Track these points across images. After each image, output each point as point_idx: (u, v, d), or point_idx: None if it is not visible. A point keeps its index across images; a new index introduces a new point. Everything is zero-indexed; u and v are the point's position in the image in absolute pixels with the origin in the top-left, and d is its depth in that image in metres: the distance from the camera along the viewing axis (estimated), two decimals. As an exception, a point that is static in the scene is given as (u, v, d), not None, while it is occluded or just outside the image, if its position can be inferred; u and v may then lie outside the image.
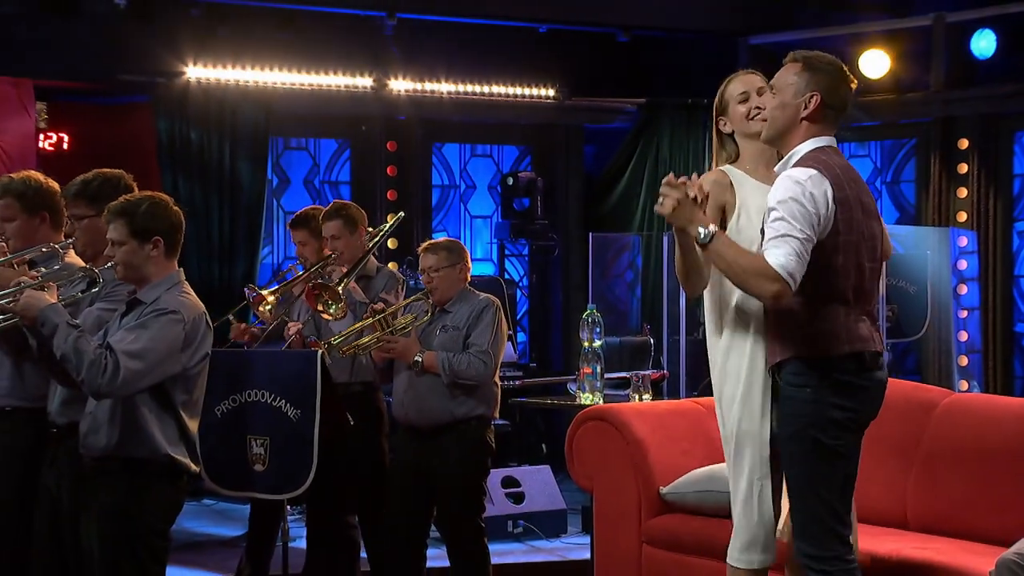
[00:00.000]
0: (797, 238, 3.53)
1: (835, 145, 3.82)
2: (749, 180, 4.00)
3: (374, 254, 6.09)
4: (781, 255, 3.52)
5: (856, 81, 3.88)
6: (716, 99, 4.18)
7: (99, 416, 4.16)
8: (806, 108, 3.75)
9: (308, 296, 5.72)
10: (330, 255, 6.10)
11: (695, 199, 3.64)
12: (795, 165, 3.71)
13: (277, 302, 6.07)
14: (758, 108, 4.02)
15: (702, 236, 3.61)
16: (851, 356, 3.65)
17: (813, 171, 3.62)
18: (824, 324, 3.65)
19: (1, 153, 8.29)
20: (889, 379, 3.88)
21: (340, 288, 5.65)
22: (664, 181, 3.68)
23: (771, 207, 3.61)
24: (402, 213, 6.45)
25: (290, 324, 5.94)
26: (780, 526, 3.88)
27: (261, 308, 5.99)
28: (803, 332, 3.66)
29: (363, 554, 6.07)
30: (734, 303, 3.96)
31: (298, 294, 6.11)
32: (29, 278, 4.27)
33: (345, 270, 5.92)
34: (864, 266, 3.70)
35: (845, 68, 3.82)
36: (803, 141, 3.76)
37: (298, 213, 6.32)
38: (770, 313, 3.77)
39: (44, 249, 4.61)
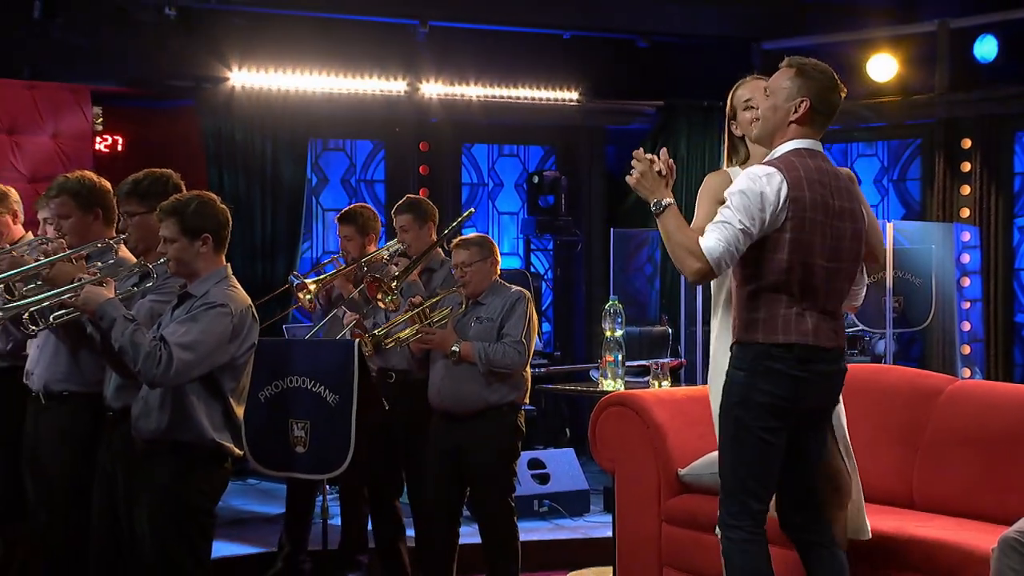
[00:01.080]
0: (734, 227, 3.57)
1: (817, 148, 3.80)
2: None
3: (441, 249, 6.06)
4: (712, 239, 3.57)
5: (846, 90, 3.86)
6: (728, 104, 4.18)
7: (150, 402, 4.20)
8: (795, 112, 3.76)
9: (368, 286, 5.72)
10: (372, 252, 6.12)
11: (659, 172, 3.67)
12: (764, 161, 3.72)
13: (318, 292, 6.08)
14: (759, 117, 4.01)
15: (658, 205, 3.66)
16: (785, 347, 3.65)
17: (772, 169, 3.65)
18: (761, 314, 3.67)
19: (60, 154, 8.34)
20: (896, 367, 3.86)
21: (394, 284, 5.64)
22: (633, 154, 3.73)
23: (727, 192, 3.66)
24: (472, 210, 6.45)
25: (348, 314, 5.95)
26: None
27: (302, 295, 6.00)
28: (744, 319, 3.71)
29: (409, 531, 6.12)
30: (722, 296, 3.99)
31: (340, 289, 6.13)
32: (88, 274, 4.30)
33: (406, 265, 5.93)
34: (816, 264, 3.67)
35: (836, 77, 3.81)
36: (785, 141, 3.77)
37: (347, 209, 6.33)
38: (732, 300, 3.81)
39: (100, 244, 4.64)
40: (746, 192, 3.59)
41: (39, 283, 4.33)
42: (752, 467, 3.69)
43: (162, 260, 4.26)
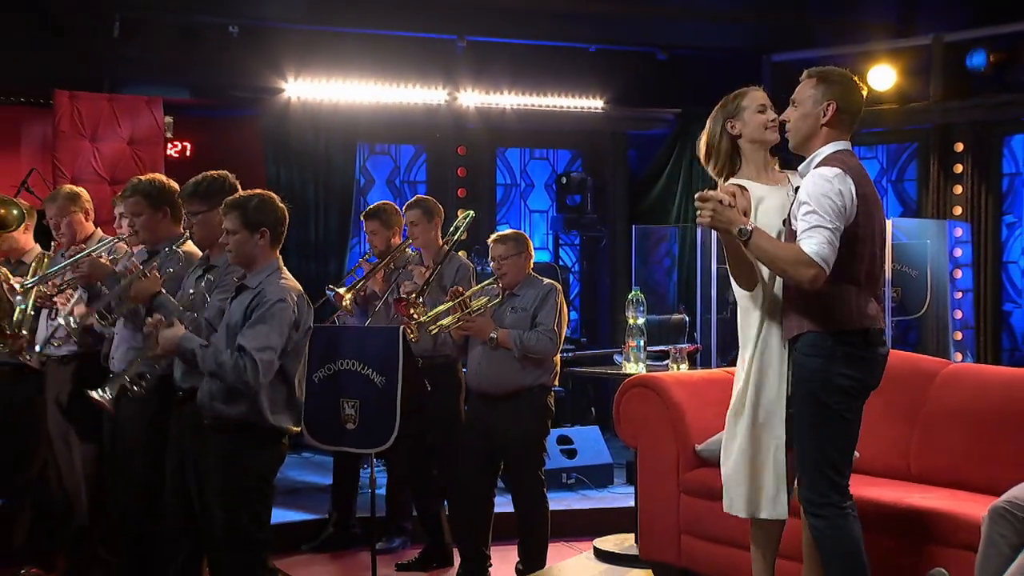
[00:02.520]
0: (828, 228, 3.51)
1: (851, 148, 3.79)
2: (756, 185, 3.95)
3: (445, 245, 6.06)
4: (815, 244, 3.50)
5: (866, 89, 3.84)
6: (727, 107, 4.07)
7: (215, 386, 4.21)
8: (825, 115, 3.74)
9: (397, 308, 5.70)
10: (398, 245, 6.11)
11: (728, 205, 3.60)
12: (818, 165, 3.66)
13: (355, 296, 6.07)
14: (775, 121, 3.96)
15: (742, 234, 3.56)
16: (859, 332, 3.63)
17: (838, 170, 3.60)
18: (839, 303, 3.62)
19: (135, 159, 8.38)
20: (894, 351, 3.84)
21: (421, 300, 5.64)
22: (696, 197, 3.61)
23: (803, 201, 3.59)
24: (471, 212, 6.39)
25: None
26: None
27: (344, 304, 6.01)
28: (819, 309, 3.63)
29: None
30: (760, 292, 3.91)
31: (373, 286, 6.12)
32: (153, 276, 4.36)
33: (423, 270, 5.91)
34: (876, 254, 3.69)
35: (855, 78, 3.80)
36: (824, 144, 3.74)
37: (370, 207, 6.33)
38: (790, 293, 3.72)
39: (166, 249, 4.67)
40: (826, 194, 3.54)
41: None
42: (837, 444, 3.64)
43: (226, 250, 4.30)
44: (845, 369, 3.60)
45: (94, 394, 4.52)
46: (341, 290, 6.07)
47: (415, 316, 5.58)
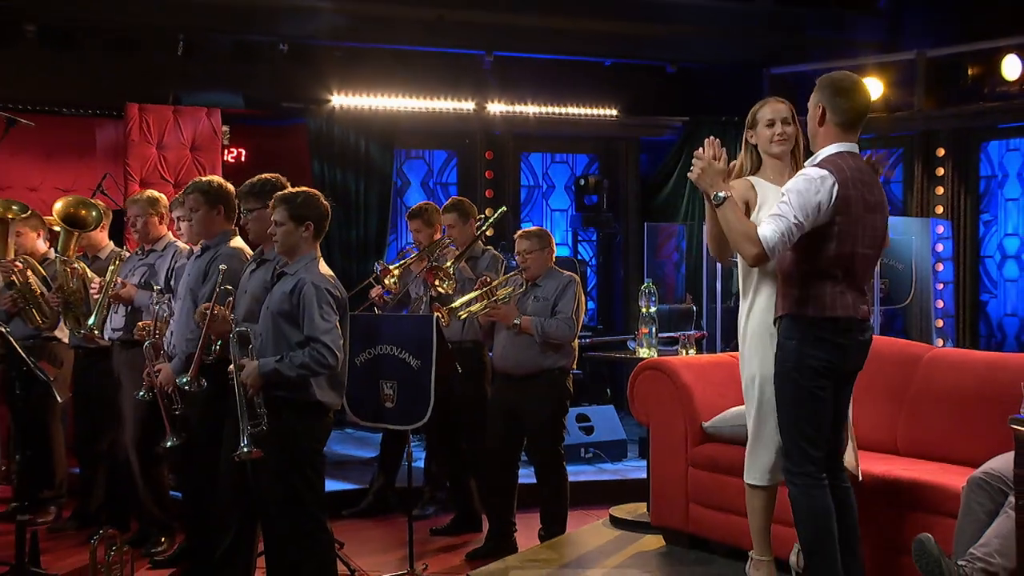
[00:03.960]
0: (789, 221, 3.48)
1: (854, 149, 3.68)
2: (768, 184, 3.92)
3: (481, 240, 6.09)
4: (769, 230, 3.48)
5: (864, 91, 3.72)
6: (749, 116, 4.08)
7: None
8: (816, 118, 3.69)
9: (427, 275, 5.74)
10: (439, 240, 6.13)
11: (718, 168, 3.60)
12: (810, 164, 3.65)
13: (399, 275, 6.10)
14: (780, 135, 3.94)
15: (717, 197, 3.58)
16: (830, 319, 3.58)
17: (825, 172, 3.55)
18: (812, 292, 3.59)
19: (196, 164, 8.43)
20: (883, 337, 3.80)
21: (451, 269, 5.67)
22: (695, 153, 3.65)
23: (782, 191, 3.57)
24: (504, 208, 6.41)
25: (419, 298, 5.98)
26: None
27: (387, 280, 6.02)
28: (796, 296, 3.62)
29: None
30: (752, 281, 3.90)
31: (416, 271, 6.14)
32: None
33: (457, 254, 5.94)
34: (858, 252, 3.61)
35: (844, 84, 3.67)
36: (825, 145, 3.68)
37: (413, 207, 6.32)
38: (780, 278, 3.71)
39: (222, 267, 4.67)
40: (802, 192, 3.50)
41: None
42: (809, 420, 3.61)
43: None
44: (817, 351, 3.57)
45: (177, 381, 4.59)
46: (391, 267, 6.04)
47: (439, 286, 5.59)
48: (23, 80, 8.08)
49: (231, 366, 4.24)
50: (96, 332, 5.53)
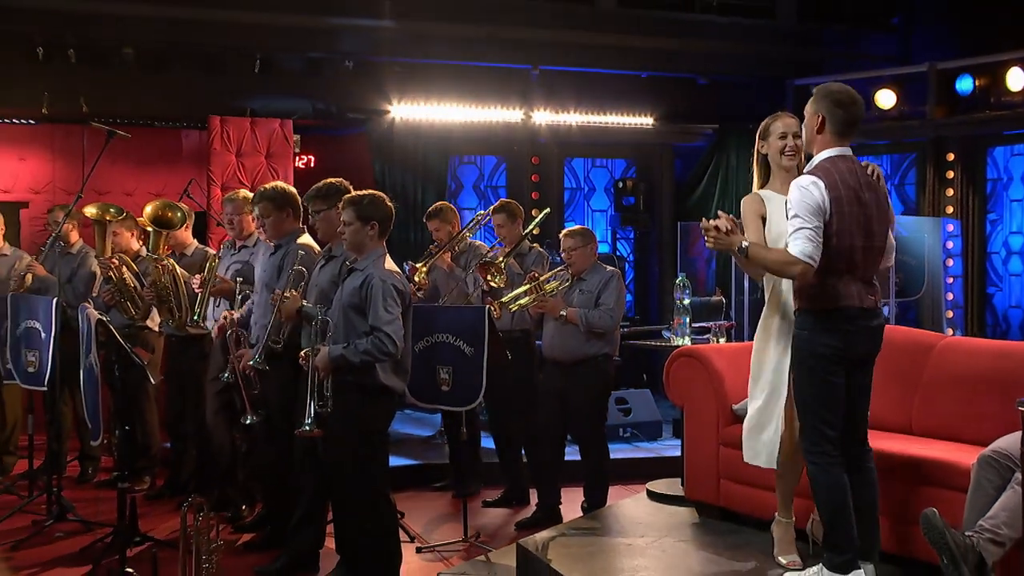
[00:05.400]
0: (808, 227, 3.49)
1: (846, 152, 3.66)
2: (777, 196, 3.90)
3: (528, 239, 6.11)
4: (799, 244, 3.49)
5: (859, 102, 3.70)
6: (761, 127, 4.07)
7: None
8: (814, 126, 3.68)
9: (479, 269, 5.78)
10: (457, 234, 6.11)
11: (726, 231, 3.62)
12: (806, 171, 3.66)
13: (428, 271, 6.06)
14: (791, 148, 3.94)
15: (739, 251, 3.61)
16: (837, 310, 3.58)
17: (813, 178, 3.56)
18: (820, 287, 3.59)
19: (271, 170, 8.48)
20: (899, 327, 3.77)
21: (502, 265, 5.72)
22: (701, 226, 3.67)
23: (789, 208, 3.58)
24: (548, 209, 6.43)
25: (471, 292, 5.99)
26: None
27: (417, 277, 6.00)
28: (807, 292, 3.63)
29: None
30: (773, 282, 3.93)
31: (440, 265, 6.10)
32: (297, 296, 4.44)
33: (505, 248, 5.97)
34: (855, 246, 3.59)
35: (842, 96, 3.66)
36: (820, 151, 3.68)
37: (429, 209, 6.29)
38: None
39: (298, 269, 4.74)
40: (804, 200, 3.52)
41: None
42: (824, 403, 3.61)
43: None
44: (826, 339, 3.58)
45: (250, 363, 4.68)
46: (419, 264, 6.06)
47: (491, 281, 5.61)
48: (121, 97, 8.19)
49: (303, 351, 4.32)
50: (202, 323, 5.64)
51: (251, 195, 5.71)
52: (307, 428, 4.20)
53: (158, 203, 5.99)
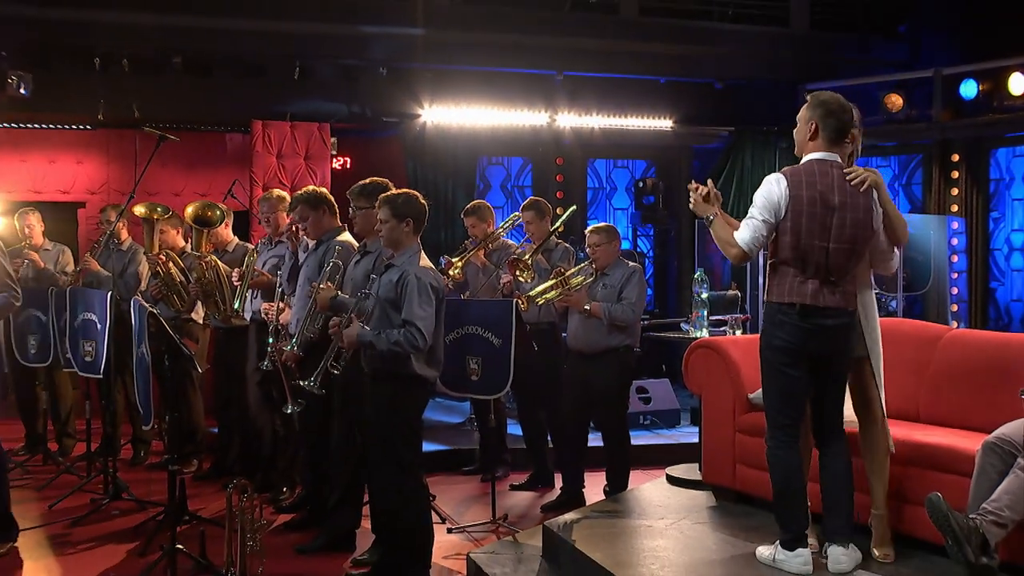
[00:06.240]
0: (757, 220, 3.55)
1: (831, 158, 3.62)
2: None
3: (555, 236, 6.11)
4: (744, 232, 3.57)
5: (853, 112, 3.67)
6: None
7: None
8: (807, 132, 3.66)
9: (509, 265, 5.79)
10: (492, 232, 6.13)
11: (706, 196, 3.70)
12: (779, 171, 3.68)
13: (462, 265, 6.09)
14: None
15: (707, 220, 3.69)
16: (790, 305, 3.58)
17: (779, 175, 3.58)
18: (778, 281, 3.62)
19: (309, 171, 8.55)
20: (906, 319, 3.74)
21: (530, 261, 5.73)
22: (688, 187, 3.76)
23: (755, 196, 3.62)
24: (574, 207, 6.44)
25: (504, 279, 5.98)
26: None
27: (451, 272, 6.04)
28: (771, 285, 3.66)
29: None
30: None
31: (475, 261, 6.13)
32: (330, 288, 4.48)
33: (533, 245, 5.99)
34: (815, 245, 3.55)
35: (834, 105, 3.63)
36: (807, 155, 3.67)
37: (468, 206, 6.31)
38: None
39: (334, 260, 4.78)
40: (763, 194, 3.57)
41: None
42: (779, 392, 3.64)
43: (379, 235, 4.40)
44: (780, 333, 3.59)
45: (286, 349, 4.73)
46: (454, 259, 6.08)
47: (519, 276, 5.63)
48: (170, 102, 8.28)
49: (335, 320, 4.33)
50: (241, 314, 5.70)
51: (284, 194, 5.79)
52: (311, 383, 4.25)
53: (198, 203, 6.05)
